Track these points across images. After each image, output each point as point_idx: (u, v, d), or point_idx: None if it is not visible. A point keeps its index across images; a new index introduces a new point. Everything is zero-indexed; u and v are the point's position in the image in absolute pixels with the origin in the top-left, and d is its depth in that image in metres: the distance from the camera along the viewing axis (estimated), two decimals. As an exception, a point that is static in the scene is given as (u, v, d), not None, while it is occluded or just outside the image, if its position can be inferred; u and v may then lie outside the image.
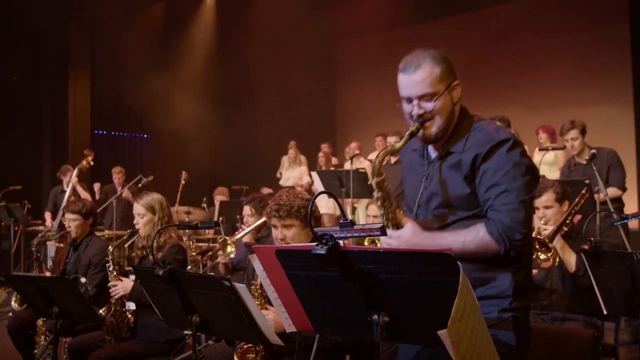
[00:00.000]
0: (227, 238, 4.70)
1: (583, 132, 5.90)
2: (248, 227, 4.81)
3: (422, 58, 2.32)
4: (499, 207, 2.22)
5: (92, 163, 8.14)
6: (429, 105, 2.31)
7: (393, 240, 2.30)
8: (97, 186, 9.61)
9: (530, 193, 2.24)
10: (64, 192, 8.67)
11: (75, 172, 7.95)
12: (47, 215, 8.89)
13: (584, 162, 5.83)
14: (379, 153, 2.34)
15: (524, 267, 2.33)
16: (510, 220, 2.19)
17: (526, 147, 7.82)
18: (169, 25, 12.62)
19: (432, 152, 2.45)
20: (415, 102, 2.33)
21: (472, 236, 2.22)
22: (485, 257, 2.23)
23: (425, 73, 2.30)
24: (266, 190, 10.13)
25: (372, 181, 2.34)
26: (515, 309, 2.27)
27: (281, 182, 10.38)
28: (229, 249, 4.68)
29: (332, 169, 9.66)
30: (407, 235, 2.29)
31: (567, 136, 5.93)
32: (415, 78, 2.30)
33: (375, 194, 2.36)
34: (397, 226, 2.33)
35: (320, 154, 10.20)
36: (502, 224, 2.19)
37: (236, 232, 4.99)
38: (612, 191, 5.72)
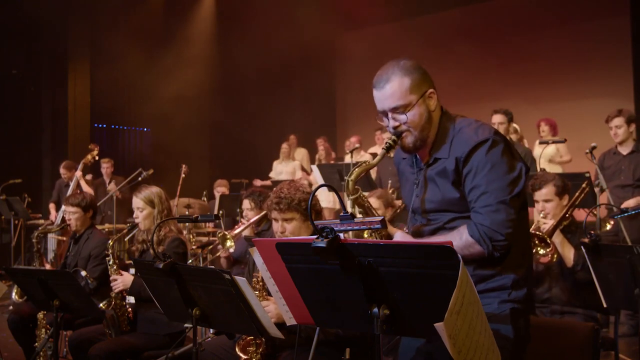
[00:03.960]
0: (226, 233, 4.70)
1: (629, 121, 5.70)
2: (248, 221, 4.81)
3: (391, 71, 2.33)
4: (479, 209, 2.24)
5: (97, 157, 8.14)
6: (402, 117, 2.33)
7: None
8: (89, 176, 9.63)
9: (512, 193, 2.23)
10: (68, 185, 8.69)
11: (80, 166, 7.95)
12: (52, 207, 8.89)
13: (624, 153, 5.71)
14: (353, 170, 2.36)
15: (523, 261, 2.34)
16: (490, 223, 2.21)
17: (525, 141, 7.74)
18: (169, 18, 12.57)
19: (421, 160, 2.47)
20: (389, 115, 2.35)
21: (457, 240, 2.24)
22: (473, 258, 2.25)
23: (395, 86, 2.31)
24: (259, 182, 10.14)
25: (349, 199, 2.37)
26: (514, 301, 2.28)
27: (272, 175, 10.36)
28: (228, 243, 4.69)
29: (332, 162, 9.66)
30: None
31: (611, 123, 5.72)
32: (386, 92, 2.33)
33: (357, 211, 2.39)
34: (387, 237, 2.37)
35: (321, 148, 10.20)
36: (482, 226, 2.21)
37: (236, 226, 4.98)
38: None
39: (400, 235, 2.35)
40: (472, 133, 2.30)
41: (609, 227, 5.24)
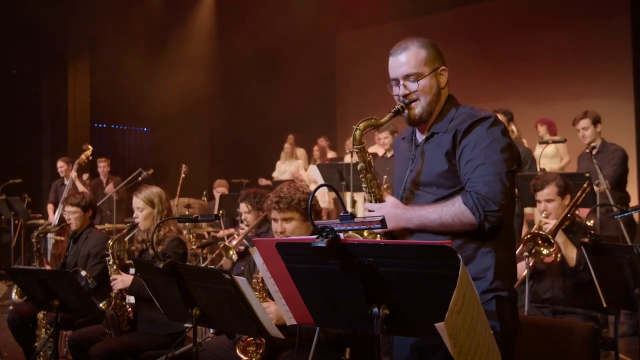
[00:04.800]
0: (227, 245, 4.73)
1: (595, 122, 5.82)
2: (247, 226, 4.81)
3: (409, 42, 2.44)
4: (475, 180, 2.26)
5: (90, 157, 8.15)
6: (413, 86, 2.41)
7: (375, 212, 2.36)
8: (85, 176, 9.63)
9: (509, 168, 2.28)
10: (64, 185, 8.68)
11: (75, 166, 7.96)
12: (50, 209, 8.89)
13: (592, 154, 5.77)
14: (361, 121, 2.43)
15: (505, 246, 2.33)
16: (486, 192, 2.23)
17: (524, 140, 7.73)
18: (168, 17, 12.57)
19: (419, 137, 2.52)
20: (401, 82, 2.43)
21: (449, 207, 2.27)
22: (463, 228, 2.25)
23: (410, 55, 2.41)
24: (263, 182, 10.13)
25: (353, 149, 2.44)
26: (497, 290, 2.27)
27: (275, 174, 10.37)
28: (230, 253, 4.72)
29: (326, 162, 9.64)
30: (388, 207, 2.35)
31: (578, 126, 5.85)
32: (401, 60, 2.43)
33: (358, 165, 2.44)
34: (379, 200, 2.41)
35: (316, 148, 10.19)
36: (477, 194, 2.23)
37: (235, 234, 4.98)
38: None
39: (391, 201, 2.38)
40: (475, 111, 2.39)
41: (589, 223, 5.22)
